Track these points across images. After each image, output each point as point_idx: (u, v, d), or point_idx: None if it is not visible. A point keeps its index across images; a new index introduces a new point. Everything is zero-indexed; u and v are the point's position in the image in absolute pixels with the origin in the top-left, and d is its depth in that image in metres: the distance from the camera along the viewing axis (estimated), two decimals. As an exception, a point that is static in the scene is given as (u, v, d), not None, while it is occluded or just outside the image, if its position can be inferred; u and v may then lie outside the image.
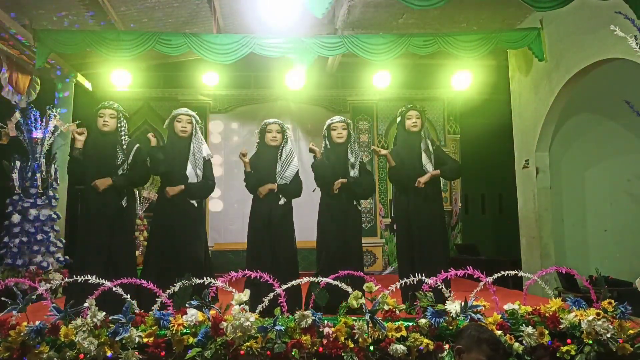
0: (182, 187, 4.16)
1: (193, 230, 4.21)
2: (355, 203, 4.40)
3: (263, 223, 4.18)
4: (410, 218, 4.35)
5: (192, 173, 4.20)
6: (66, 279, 3.30)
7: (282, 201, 4.22)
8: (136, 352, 2.86)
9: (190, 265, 3.94)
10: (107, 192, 4.01)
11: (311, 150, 4.37)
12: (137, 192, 6.65)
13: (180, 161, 4.22)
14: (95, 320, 2.90)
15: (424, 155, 4.39)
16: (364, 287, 3.22)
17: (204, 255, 4.35)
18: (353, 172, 4.34)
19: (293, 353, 2.86)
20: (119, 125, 4.17)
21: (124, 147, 4.14)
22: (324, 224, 4.33)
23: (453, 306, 3.13)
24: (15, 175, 5.54)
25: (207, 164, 4.31)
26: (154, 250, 4.21)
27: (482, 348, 2.01)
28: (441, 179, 4.57)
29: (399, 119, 4.57)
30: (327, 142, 4.44)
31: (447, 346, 2.98)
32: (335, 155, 4.38)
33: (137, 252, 5.78)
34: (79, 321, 2.91)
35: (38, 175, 5.68)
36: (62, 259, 5.73)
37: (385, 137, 8.34)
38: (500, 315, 3.17)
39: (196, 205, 4.23)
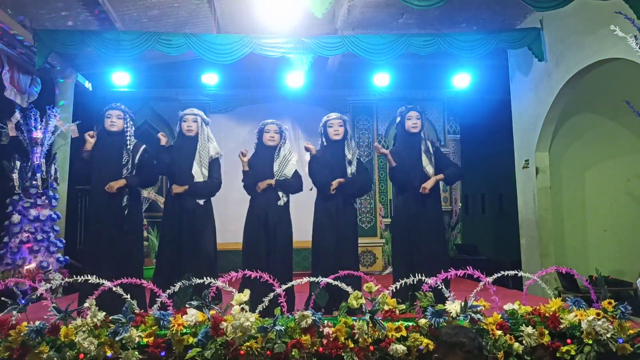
0: (187, 187, 4.20)
1: (200, 229, 4.26)
2: (351, 201, 4.37)
3: (259, 223, 4.17)
4: (409, 220, 4.31)
5: (198, 172, 4.25)
6: (66, 279, 3.30)
7: (281, 202, 4.21)
8: (136, 352, 2.86)
9: (200, 262, 4.10)
10: (115, 195, 4.04)
11: (307, 149, 4.35)
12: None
13: (186, 160, 4.27)
14: (95, 320, 2.90)
15: (424, 157, 4.35)
16: (364, 287, 3.22)
17: (214, 253, 4.39)
18: (350, 170, 4.31)
19: (293, 353, 2.86)
20: (125, 126, 4.21)
21: (130, 147, 4.17)
22: (319, 223, 4.30)
23: (453, 306, 3.13)
24: (15, 175, 5.54)
25: (213, 163, 4.35)
26: (165, 249, 4.29)
27: (456, 353, 2.01)
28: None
29: (398, 119, 4.52)
30: (324, 139, 4.39)
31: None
32: (331, 152, 4.34)
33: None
34: (79, 321, 2.91)
35: (38, 175, 5.68)
36: (62, 259, 5.73)
37: (385, 137, 8.33)
38: (500, 315, 3.17)
39: (202, 203, 4.26)
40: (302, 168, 4.47)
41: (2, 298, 3.10)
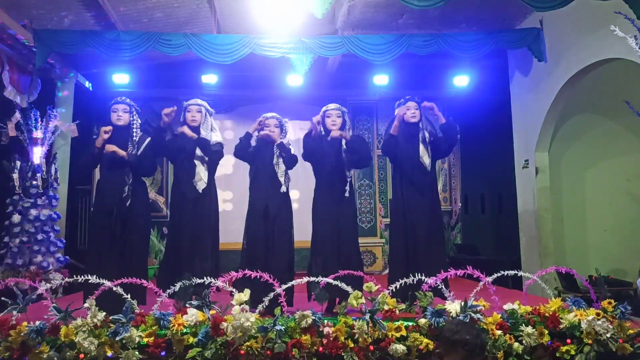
0: (196, 135, 4.25)
1: (202, 220, 4.30)
2: (349, 195, 4.33)
3: (260, 214, 4.16)
4: (406, 218, 4.28)
5: (198, 160, 4.29)
6: (66, 279, 3.30)
7: (283, 188, 4.21)
8: (136, 352, 2.86)
9: (203, 255, 4.18)
10: (118, 189, 4.05)
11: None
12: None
13: (189, 149, 4.31)
14: (95, 320, 2.90)
15: (421, 147, 4.31)
16: (364, 287, 3.22)
17: (216, 245, 4.43)
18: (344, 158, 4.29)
19: (293, 353, 2.86)
20: (131, 119, 4.25)
21: (136, 140, 4.20)
22: (318, 223, 4.28)
23: (453, 306, 3.14)
24: (15, 175, 5.54)
25: (215, 145, 4.39)
26: (170, 242, 4.36)
27: (457, 350, 2.00)
28: (438, 178, 4.52)
29: (397, 111, 4.49)
30: (322, 129, 4.38)
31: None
32: (328, 142, 4.31)
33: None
34: (79, 321, 2.91)
35: (38, 175, 5.68)
36: (62, 259, 5.73)
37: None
38: (500, 315, 3.17)
39: (201, 191, 4.27)
40: (302, 167, 4.46)
41: (2, 298, 3.10)
